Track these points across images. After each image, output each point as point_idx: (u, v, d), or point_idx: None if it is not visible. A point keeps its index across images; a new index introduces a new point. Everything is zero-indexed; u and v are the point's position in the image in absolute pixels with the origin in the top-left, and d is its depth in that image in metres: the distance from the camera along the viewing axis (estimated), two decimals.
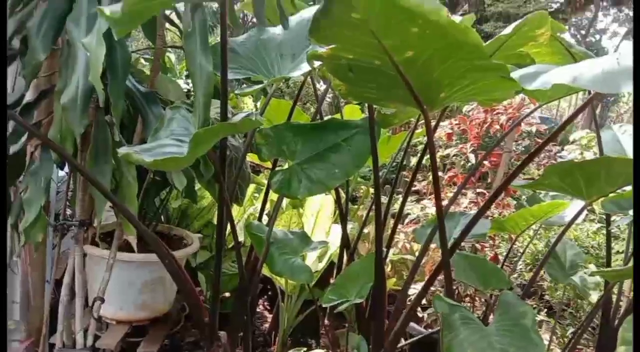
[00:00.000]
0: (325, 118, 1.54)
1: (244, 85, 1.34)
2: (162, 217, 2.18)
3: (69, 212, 1.77)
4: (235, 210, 2.34)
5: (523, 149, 3.37)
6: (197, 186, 1.89)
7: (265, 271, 1.87)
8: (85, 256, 1.65)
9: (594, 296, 2.11)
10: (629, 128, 2.06)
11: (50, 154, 1.43)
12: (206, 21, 1.15)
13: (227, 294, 2.47)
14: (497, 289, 1.58)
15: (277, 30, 1.40)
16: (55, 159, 1.45)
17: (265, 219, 2.00)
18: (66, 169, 1.83)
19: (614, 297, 1.84)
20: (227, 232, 1.49)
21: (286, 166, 1.28)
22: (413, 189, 3.38)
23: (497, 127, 2.52)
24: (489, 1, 11.68)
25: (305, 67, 1.19)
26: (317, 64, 1.07)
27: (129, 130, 1.60)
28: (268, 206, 2.28)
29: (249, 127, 1.28)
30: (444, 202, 1.79)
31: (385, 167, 2.74)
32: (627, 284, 2.20)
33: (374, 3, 0.78)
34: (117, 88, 1.32)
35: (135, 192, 1.46)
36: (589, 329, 2.36)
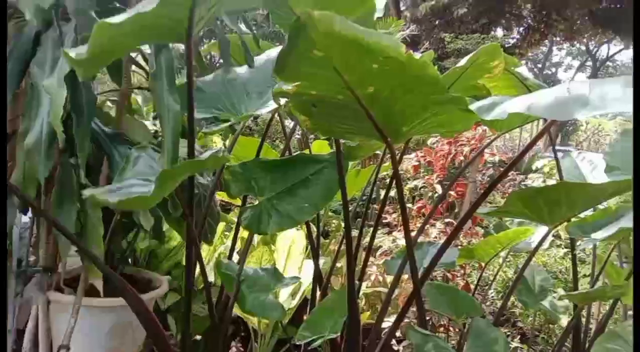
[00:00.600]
0: (294, 154, 1.56)
1: (212, 124, 1.35)
2: (129, 259, 2.13)
3: (32, 258, 1.71)
4: (205, 249, 2.31)
5: (487, 178, 3.47)
6: (166, 226, 1.86)
7: (237, 310, 1.84)
8: (49, 303, 1.59)
9: (564, 320, 2.15)
10: (587, 155, 2.15)
11: (13, 199, 1.39)
12: (172, 61, 1.17)
13: (199, 337, 2.40)
14: (469, 317, 1.59)
15: (243, 69, 1.43)
16: (19, 204, 1.41)
17: (236, 257, 1.97)
18: (29, 213, 1.78)
19: (584, 320, 1.88)
20: (196, 272, 1.46)
21: (256, 202, 1.29)
22: (384, 221, 3.41)
23: (462, 158, 2.59)
24: (449, 39, 12.14)
25: (271, 105, 1.22)
26: (283, 101, 1.10)
27: (95, 172, 1.58)
28: (239, 244, 2.26)
29: (216, 164, 1.29)
30: (413, 233, 1.82)
31: (355, 201, 2.76)
32: (596, 307, 2.25)
33: (335, 41, 0.81)
34: (82, 130, 1.31)
35: (101, 235, 1.43)
36: None
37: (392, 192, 3.84)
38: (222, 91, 1.35)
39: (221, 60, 1.55)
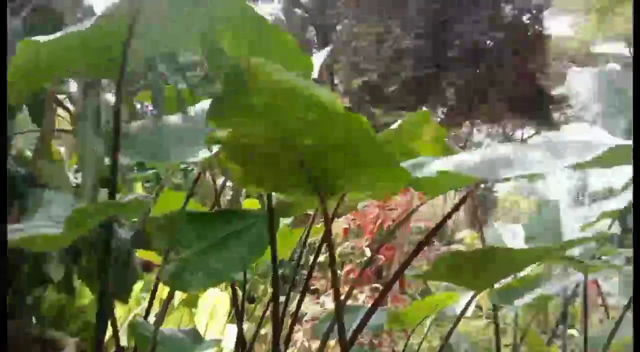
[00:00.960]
0: (224, 208, 1.51)
1: (138, 171, 1.30)
2: (34, 318, 1.92)
3: None
4: (119, 310, 2.14)
5: (414, 245, 3.54)
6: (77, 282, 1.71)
7: None
8: None
9: None
10: (509, 226, 2.26)
11: None
12: (99, 104, 1.12)
13: None
14: None
15: (176, 118, 1.40)
16: None
17: (153, 319, 1.83)
18: None
19: None
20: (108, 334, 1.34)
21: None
22: (312, 287, 3.36)
23: (391, 222, 2.63)
24: (379, 113, 12.76)
25: (204, 153, 1.18)
26: (215, 148, 1.07)
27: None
28: (157, 304, 2.11)
29: (136, 209, 1.21)
30: (342, 297, 1.78)
31: (283, 264, 2.70)
32: None
33: (271, 90, 0.81)
34: None
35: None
36: None
37: (322, 258, 3.82)
38: (152, 138, 1.30)
39: (153, 112, 1.51)
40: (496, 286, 1.64)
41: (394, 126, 1.24)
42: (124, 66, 0.84)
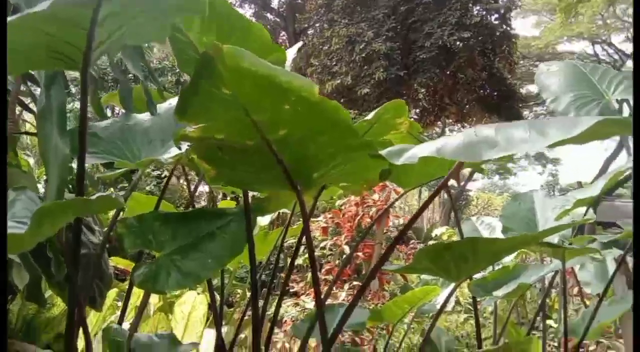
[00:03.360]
0: (198, 208, 1.47)
1: (107, 171, 1.25)
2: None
3: None
4: (93, 318, 2.07)
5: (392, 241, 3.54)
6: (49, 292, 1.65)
7: None
8: None
9: None
10: (485, 219, 2.28)
11: None
12: (64, 101, 1.07)
13: None
14: None
15: (145, 116, 1.36)
16: None
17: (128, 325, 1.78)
18: None
19: None
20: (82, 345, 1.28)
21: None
22: (291, 290, 3.32)
23: (368, 220, 2.62)
24: (353, 115, 12.79)
25: (174, 151, 1.14)
26: (185, 146, 1.04)
27: None
28: (132, 310, 2.06)
29: (106, 207, 1.17)
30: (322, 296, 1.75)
31: (261, 266, 2.66)
32: None
33: (244, 78, 0.78)
34: None
35: None
36: None
37: (299, 260, 3.78)
38: (121, 137, 1.25)
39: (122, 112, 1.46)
40: (475, 278, 1.64)
41: (369, 117, 1.22)
42: (88, 55, 0.80)
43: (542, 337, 1.71)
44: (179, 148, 1.07)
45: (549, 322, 2.54)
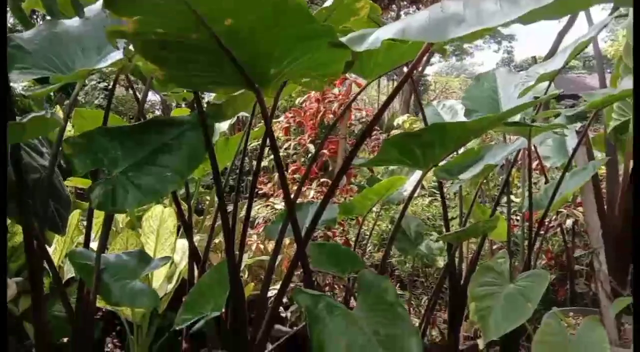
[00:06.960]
0: (148, 119, 1.37)
1: (39, 87, 1.11)
2: None
3: None
4: (60, 242, 2.01)
5: (357, 135, 3.51)
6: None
7: (104, 304, 1.63)
8: None
9: (441, 262, 2.25)
10: (447, 102, 2.25)
11: None
12: None
13: (66, 340, 2.12)
14: (353, 272, 1.57)
15: (74, 22, 1.20)
16: None
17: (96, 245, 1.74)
18: None
19: (457, 261, 1.97)
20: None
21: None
22: (260, 192, 3.32)
23: (331, 116, 2.56)
24: None
25: (114, 56, 1.02)
26: (122, 45, 0.92)
27: None
28: (97, 230, 2.01)
29: (41, 129, 1.07)
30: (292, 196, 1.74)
31: (227, 172, 2.62)
32: (465, 247, 2.39)
33: None
34: None
35: None
36: (440, 294, 2.52)
37: (265, 162, 3.75)
38: (49, 48, 1.11)
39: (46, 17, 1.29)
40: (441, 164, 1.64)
41: (328, 3, 1.11)
42: None
43: (507, 213, 1.76)
44: (117, 48, 0.95)
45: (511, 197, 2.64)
